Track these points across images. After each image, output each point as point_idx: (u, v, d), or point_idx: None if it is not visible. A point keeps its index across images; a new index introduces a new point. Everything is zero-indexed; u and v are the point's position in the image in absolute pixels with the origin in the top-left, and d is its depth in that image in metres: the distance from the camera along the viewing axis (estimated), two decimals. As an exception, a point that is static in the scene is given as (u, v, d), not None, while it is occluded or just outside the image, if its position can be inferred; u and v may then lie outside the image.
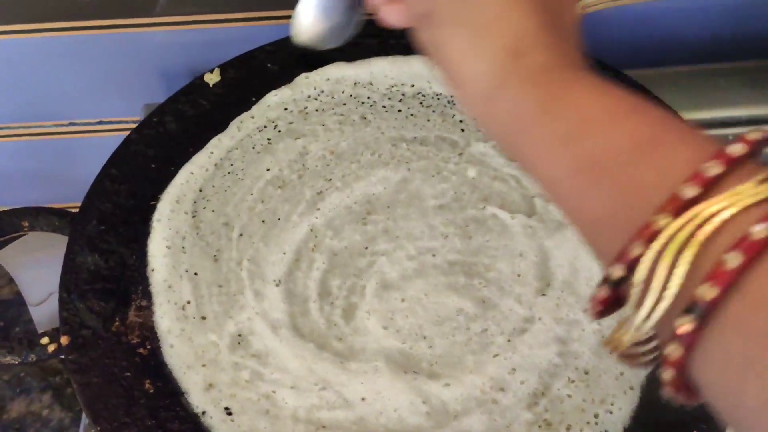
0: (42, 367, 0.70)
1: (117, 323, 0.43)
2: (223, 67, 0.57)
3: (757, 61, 0.62)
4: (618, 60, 0.55)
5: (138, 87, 0.68)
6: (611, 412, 0.39)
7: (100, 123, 0.72)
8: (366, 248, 0.48)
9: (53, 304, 0.51)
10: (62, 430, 0.67)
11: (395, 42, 0.58)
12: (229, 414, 0.40)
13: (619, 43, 0.66)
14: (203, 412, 0.40)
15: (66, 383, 0.70)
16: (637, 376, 0.40)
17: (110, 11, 0.61)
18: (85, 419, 0.46)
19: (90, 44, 0.64)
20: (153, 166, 0.51)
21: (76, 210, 0.49)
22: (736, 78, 0.62)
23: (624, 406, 0.39)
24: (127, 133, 0.73)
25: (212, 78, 0.56)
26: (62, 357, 0.41)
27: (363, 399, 0.40)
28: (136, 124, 0.73)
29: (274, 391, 0.41)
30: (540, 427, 0.39)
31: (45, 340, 0.42)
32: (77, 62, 0.66)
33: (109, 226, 0.47)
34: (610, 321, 0.43)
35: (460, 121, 0.54)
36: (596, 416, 0.39)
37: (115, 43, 0.64)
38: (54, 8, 0.60)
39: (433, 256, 0.47)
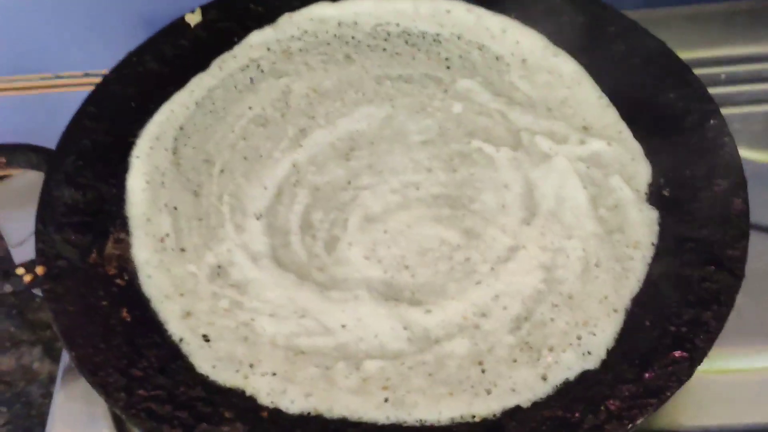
0: (32, 321, 0.70)
1: (94, 255, 0.42)
2: (205, 8, 0.56)
3: (751, 2, 0.61)
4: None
5: (124, 37, 0.67)
6: (594, 334, 0.38)
7: (86, 75, 0.71)
8: (349, 183, 0.47)
9: (33, 244, 0.50)
10: (52, 383, 0.66)
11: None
12: (207, 341, 0.39)
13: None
14: (180, 339, 0.39)
15: (56, 337, 0.69)
16: (622, 299, 0.39)
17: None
18: (64, 359, 0.45)
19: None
20: (132, 104, 0.50)
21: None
22: (732, 18, 0.60)
23: (607, 328, 0.38)
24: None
25: (193, 18, 0.55)
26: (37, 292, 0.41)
27: (343, 326, 0.40)
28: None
29: (252, 319, 0.40)
30: (522, 350, 0.38)
31: (20, 270, 0.41)
32: (62, 11, 0.64)
33: (87, 162, 0.46)
34: (594, 247, 0.42)
35: (446, 59, 0.53)
36: (579, 338, 0.38)
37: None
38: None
39: (417, 189, 0.46)
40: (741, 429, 0.40)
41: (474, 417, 0.36)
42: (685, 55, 0.50)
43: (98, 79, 0.72)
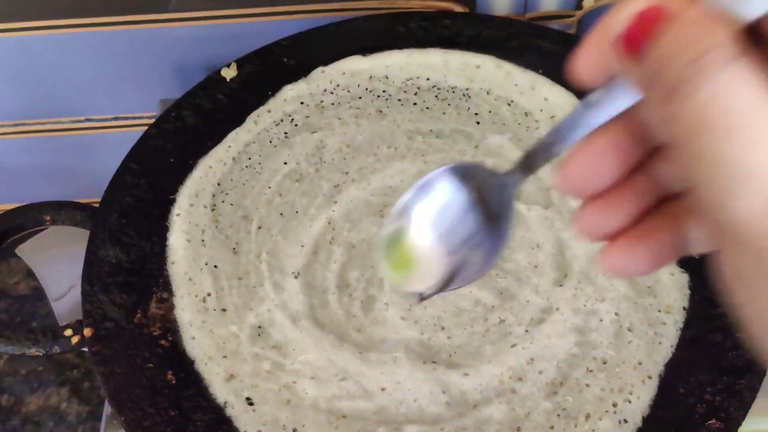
0: (59, 362, 0.71)
1: (139, 315, 0.44)
2: (240, 62, 0.57)
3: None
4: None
5: (154, 82, 0.69)
6: (630, 401, 0.39)
7: (116, 119, 0.72)
8: (383, 240, 0.48)
9: (73, 298, 0.52)
10: (80, 424, 0.68)
11: (404, 30, 0.58)
12: (251, 404, 0.40)
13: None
14: (225, 403, 0.40)
15: (83, 377, 0.71)
16: (656, 365, 0.40)
17: (126, 7, 0.62)
18: (106, 411, 0.46)
19: (106, 40, 0.64)
20: (171, 160, 0.52)
21: (96, 204, 0.49)
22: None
23: (642, 395, 0.39)
24: (143, 128, 0.74)
25: (229, 73, 0.56)
26: (85, 349, 0.42)
27: (383, 389, 0.41)
28: (152, 120, 0.73)
29: (294, 382, 0.41)
30: (559, 416, 0.39)
31: (68, 332, 0.42)
32: (94, 58, 0.66)
33: (129, 220, 0.48)
34: (627, 310, 0.43)
35: (475, 114, 0.55)
36: (615, 405, 0.39)
37: (130, 38, 0.65)
38: (70, 4, 0.61)
39: (451, 248, 0.47)
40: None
41: (514, 485, 0.37)
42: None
43: (127, 122, 0.74)
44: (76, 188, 0.79)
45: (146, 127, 0.75)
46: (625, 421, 0.38)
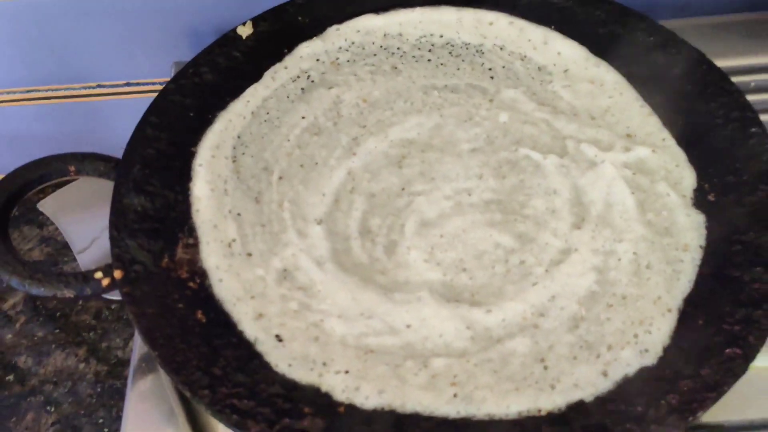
0: (75, 323, 0.72)
1: (166, 260, 0.44)
2: (255, 20, 0.58)
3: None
4: (649, 10, 0.56)
5: (165, 46, 0.69)
6: (650, 332, 0.40)
7: (127, 84, 0.73)
8: (403, 189, 0.49)
9: (97, 250, 0.52)
10: (99, 383, 0.68)
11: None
12: (280, 341, 0.41)
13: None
14: (255, 339, 0.41)
15: (100, 338, 0.71)
16: (674, 299, 0.41)
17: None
18: (134, 359, 0.47)
19: (117, 3, 0.65)
20: (191, 114, 0.52)
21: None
22: (755, 26, 0.63)
23: (663, 326, 0.40)
24: (155, 94, 0.74)
25: (245, 30, 0.57)
26: (115, 297, 0.43)
27: (408, 326, 0.42)
28: (164, 85, 0.73)
29: (321, 320, 0.42)
30: (581, 347, 0.40)
31: (99, 274, 0.43)
32: (104, 22, 0.66)
33: (152, 171, 0.48)
34: (645, 249, 0.44)
35: (489, 69, 0.55)
36: (635, 336, 0.40)
37: (141, 1, 0.65)
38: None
39: (469, 195, 0.48)
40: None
41: (540, 411, 0.38)
42: (720, 63, 0.52)
43: (138, 88, 0.74)
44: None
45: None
46: (647, 350, 0.40)
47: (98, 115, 0.76)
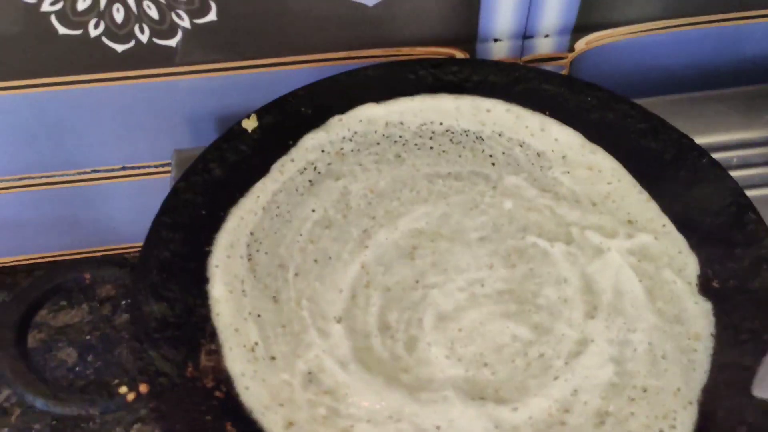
0: (71, 415, 0.70)
1: (190, 368, 0.44)
2: (259, 113, 0.59)
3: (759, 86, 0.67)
4: (624, 90, 0.59)
5: (163, 133, 0.69)
6: (675, 427, 0.41)
7: (123, 168, 0.73)
8: (417, 282, 0.50)
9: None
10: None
11: (414, 77, 0.61)
12: (313, 450, 0.42)
13: (625, 74, 0.70)
14: (288, 451, 0.41)
15: (100, 427, 0.70)
16: (693, 391, 0.43)
17: (134, 62, 0.63)
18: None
19: (115, 94, 0.65)
20: (203, 212, 0.53)
21: (110, 253, 0.50)
22: (734, 102, 0.66)
23: (686, 420, 0.42)
24: (150, 177, 0.74)
25: (250, 124, 0.58)
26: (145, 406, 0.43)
27: (438, 427, 0.43)
28: (160, 168, 0.74)
29: (352, 426, 0.43)
30: (609, 444, 0.41)
31: (123, 389, 0.43)
32: (102, 112, 0.67)
33: (169, 274, 0.48)
34: (659, 339, 0.46)
35: (490, 156, 0.57)
36: (661, 431, 0.41)
37: (140, 92, 0.66)
38: (77, 61, 0.62)
39: (482, 286, 0.50)
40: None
41: None
42: (699, 140, 0.55)
43: (134, 171, 0.74)
44: (79, 238, 0.79)
45: (153, 176, 0.75)
46: (672, 445, 0.41)
47: (92, 199, 0.76)
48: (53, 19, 0.58)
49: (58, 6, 0.57)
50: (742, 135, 0.65)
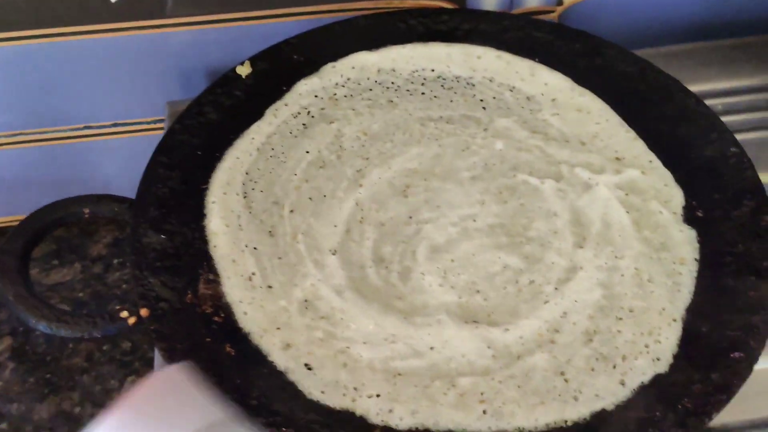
0: (68, 367, 0.71)
1: (190, 295, 0.45)
2: (253, 60, 0.59)
3: (756, 36, 0.69)
4: (620, 40, 0.61)
5: (155, 88, 0.70)
6: (660, 342, 0.43)
7: (114, 125, 0.73)
8: (410, 218, 0.51)
9: None
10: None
11: (405, 26, 0.61)
12: (310, 369, 0.43)
13: (611, 27, 0.71)
14: (286, 369, 0.42)
15: (93, 381, 0.70)
16: (678, 309, 0.45)
17: (125, 14, 0.63)
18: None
19: (106, 47, 0.65)
20: (199, 153, 0.53)
21: None
22: (733, 53, 0.67)
23: (670, 335, 0.43)
24: (143, 134, 0.75)
25: (244, 70, 0.59)
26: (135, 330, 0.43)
27: (432, 348, 0.44)
28: (152, 125, 0.74)
29: (348, 347, 0.44)
30: (597, 359, 0.43)
31: (125, 313, 0.43)
32: (93, 65, 0.67)
33: (168, 209, 0.49)
34: (645, 264, 0.47)
35: (481, 100, 0.58)
36: (647, 346, 0.43)
37: (131, 45, 0.66)
38: (69, 12, 0.62)
39: (474, 221, 0.51)
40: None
41: (567, 422, 0.40)
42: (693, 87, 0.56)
43: (127, 128, 0.75)
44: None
45: (145, 133, 0.75)
46: (658, 359, 0.42)
47: (85, 157, 0.76)
48: (46, -33, 0.58)
49: (51, -46, 0.57)
50: (726, 84, 0.66)
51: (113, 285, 0.77)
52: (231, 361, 0.42)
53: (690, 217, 0.49)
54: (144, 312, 0.43)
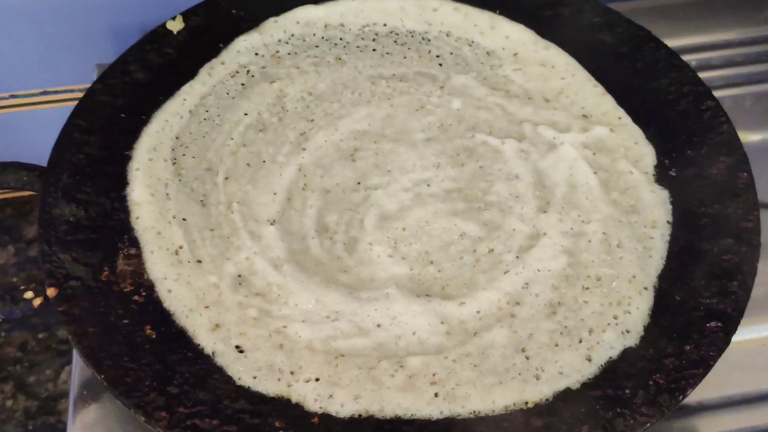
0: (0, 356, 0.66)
1: (106, 272, 0.40)
2: (186, 15, 0.54)
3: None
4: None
5: (86, 48, 0.64)
6: (629, 312, 0.39)
7: (44, 93, 0.67)
8: (358, 183, 0.47)
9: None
10: (29, 419, 0.63)
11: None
12: (241, 352, 0.38)
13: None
14: (213, 352, 0.38)
15: (27, 371, 0.65)
16: (649, 277, 0.40)
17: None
18: (74, 388, 0.42)
19: (32, 8, 0.60)
20: (122, 115, 0.48)
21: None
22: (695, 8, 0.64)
23: (641, 305, 0.39)
24: (75, 104, 0.69)
25: (175, 25, 0.53)
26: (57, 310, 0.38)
27: (378, 325, 0.39)
28: (83, 93, 0.68)
29: (284, 326, 0.39)
30: (562, 333, 0.39)
31: (29, 294, 0.38)
32: (19, 29, 0.61)
33: (83, 177, 0.44)
34: (614, 229, 0.43)
35: (437, 56, 0.54)
36: (615, 317, 0.39)
37: (59, 4, 0.60)
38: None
39: (428, 185, 0.46)
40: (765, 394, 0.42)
41: (527, 403, 0.36)
42: (673, 42, 0.52)
43: (57, 96, 0.69)
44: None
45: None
46: (628, 331, 0.38)
47: (13, 129, 0.70)
48: None
49: None
50: (702, 39, 0.62)
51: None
52: (151, 345, 0.37)
53: (662, 176, 0.45)
54: (51, 292, 0.38)
